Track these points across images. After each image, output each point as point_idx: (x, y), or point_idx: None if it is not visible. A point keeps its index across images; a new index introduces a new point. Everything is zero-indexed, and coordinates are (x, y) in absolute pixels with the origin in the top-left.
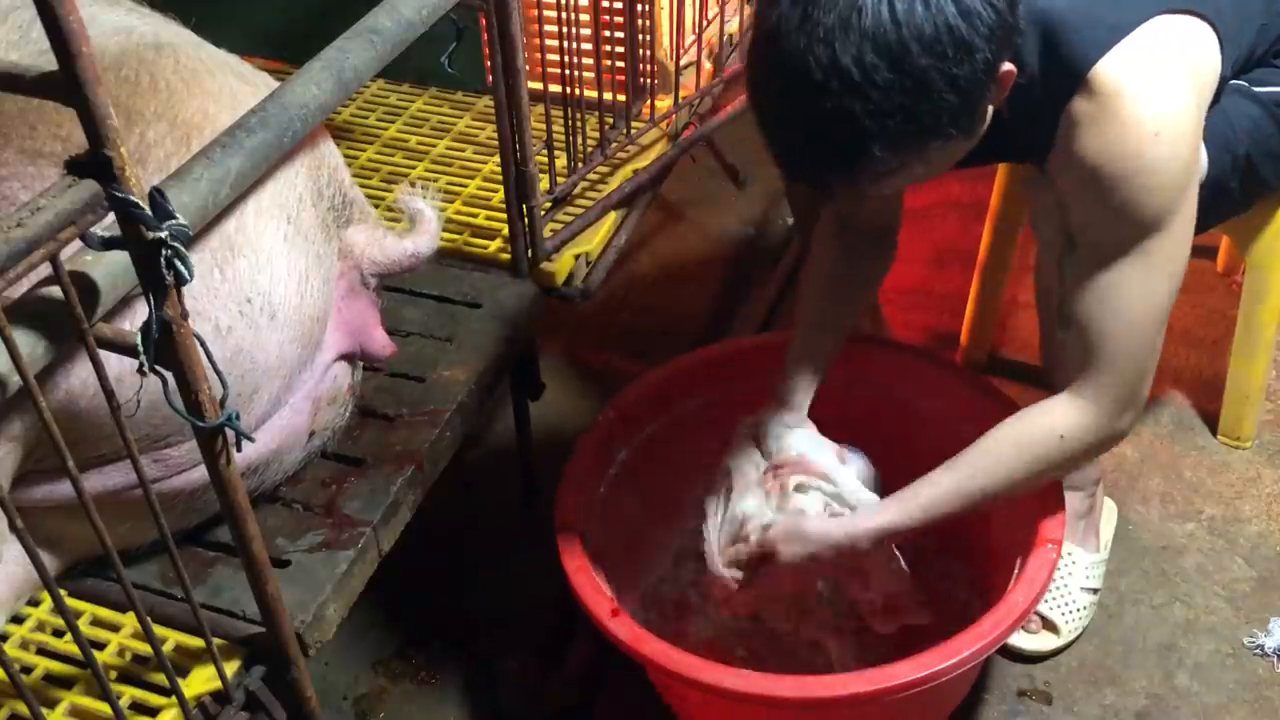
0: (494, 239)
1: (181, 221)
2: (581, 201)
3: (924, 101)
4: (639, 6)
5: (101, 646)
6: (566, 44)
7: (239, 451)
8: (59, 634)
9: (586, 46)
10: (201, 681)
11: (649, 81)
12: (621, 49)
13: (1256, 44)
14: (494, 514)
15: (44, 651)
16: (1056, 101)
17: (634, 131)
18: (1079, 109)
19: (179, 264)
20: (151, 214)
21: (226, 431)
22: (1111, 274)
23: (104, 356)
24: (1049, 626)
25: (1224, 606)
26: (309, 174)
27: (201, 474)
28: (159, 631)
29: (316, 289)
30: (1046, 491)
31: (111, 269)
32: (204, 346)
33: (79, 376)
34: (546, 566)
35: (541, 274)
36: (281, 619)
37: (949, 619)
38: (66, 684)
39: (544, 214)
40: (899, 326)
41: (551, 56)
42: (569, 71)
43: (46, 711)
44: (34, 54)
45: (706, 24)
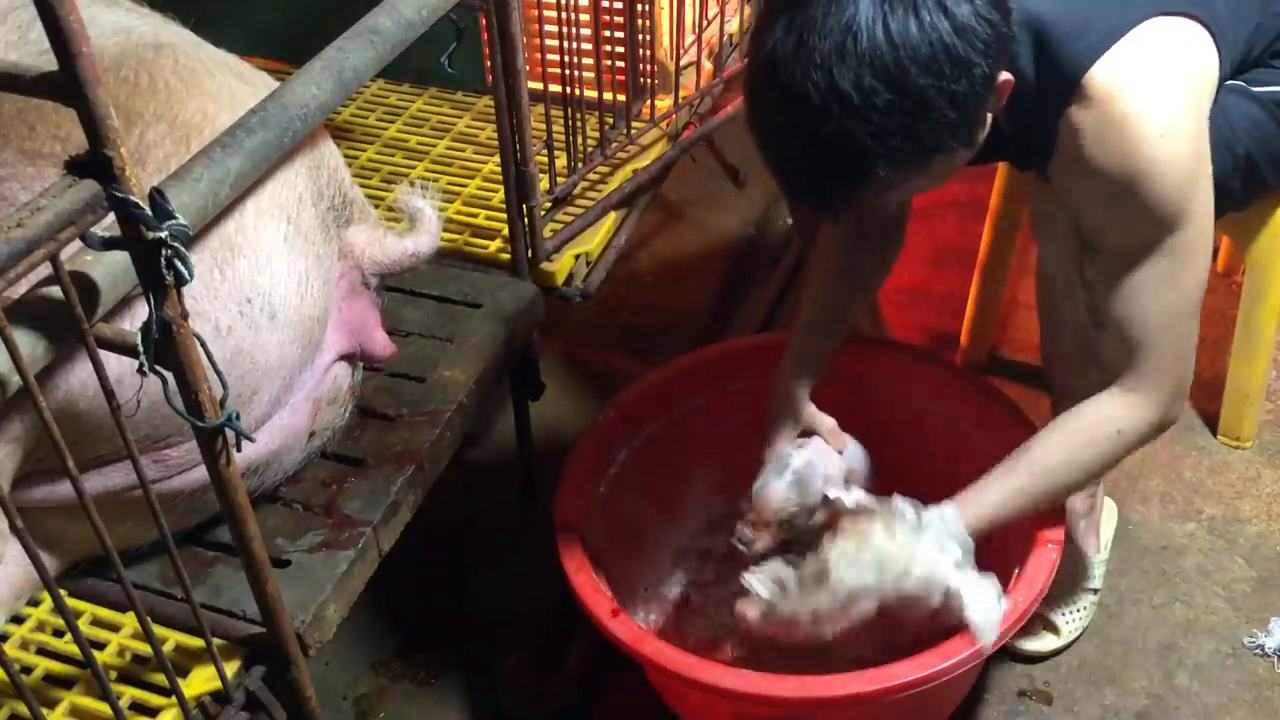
0: (494, 239)
1: (181, 222)
2: (581, 201)
3: (924, 120)
4: (639, 6)
5: (101, 646)
6: (566, 44)
7: (239, 452)
8: (59, 634)
9: (586, 46)
10: (201, 681)
11: (649, 81)
12: (621, 49)
13: (1253, 44)
14: (494, 514)
15: (44, 651)
16: (1052, 106)
17: (634, 131)
18: (1078, 117)
19: (179, 264)
20: (151, 214)
21: (226, 432)
22: (1141, 273)
23: (104, 357)
24: (1049, 627)
25: (1224, 606)
26: (309, 174)
27: (201, 474)
28: (159, 631)
29: (316, 289)
30: None
31: (111, 269)
32: (204, 347)
33: (79, 377)
34: (546, 566)
35: (541, 274)
36: (281, 619)
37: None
38: (66, 684)
39: (544, 214)
40: (899, 326)
41: (551, 56)
42: (569, 71)
43: (46, 711)
44: (33, 54)
45: (706, 24)
